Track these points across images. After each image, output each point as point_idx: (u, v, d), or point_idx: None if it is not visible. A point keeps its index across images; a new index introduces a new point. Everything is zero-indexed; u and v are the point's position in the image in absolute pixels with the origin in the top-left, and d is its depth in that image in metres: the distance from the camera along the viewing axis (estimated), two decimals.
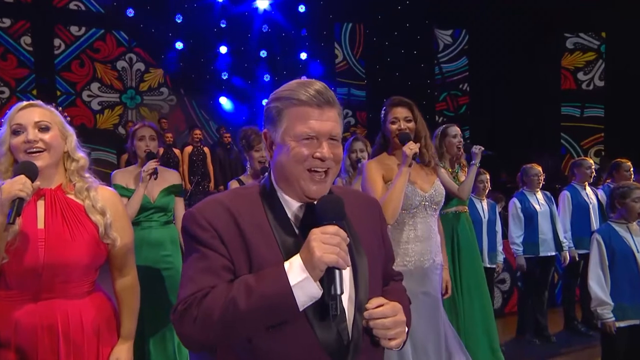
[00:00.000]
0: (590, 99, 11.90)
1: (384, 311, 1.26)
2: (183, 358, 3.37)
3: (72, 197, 1.88)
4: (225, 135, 9.01)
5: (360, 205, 1.41)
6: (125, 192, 3.23)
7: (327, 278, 1.17)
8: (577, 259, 4.99)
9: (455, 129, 3.84)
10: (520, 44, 10.74)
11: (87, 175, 1.93)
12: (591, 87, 11.97)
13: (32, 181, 1.72)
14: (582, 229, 5.00)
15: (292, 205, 1.32)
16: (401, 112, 2.78)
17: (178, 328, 1.22)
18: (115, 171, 3.41)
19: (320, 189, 1.28)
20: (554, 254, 4.88)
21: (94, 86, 10.40)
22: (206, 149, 8.56)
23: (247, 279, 1.19)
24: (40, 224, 1.80)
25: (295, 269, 1.17)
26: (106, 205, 1.90)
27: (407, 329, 1.34)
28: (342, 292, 1.17)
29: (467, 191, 3.75)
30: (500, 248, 4.72)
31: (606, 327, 3.14)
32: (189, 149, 8.36)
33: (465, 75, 12.55)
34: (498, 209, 4.96)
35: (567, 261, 4.91)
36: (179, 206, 3.50)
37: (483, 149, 3.72)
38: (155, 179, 3.22)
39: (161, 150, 4.27)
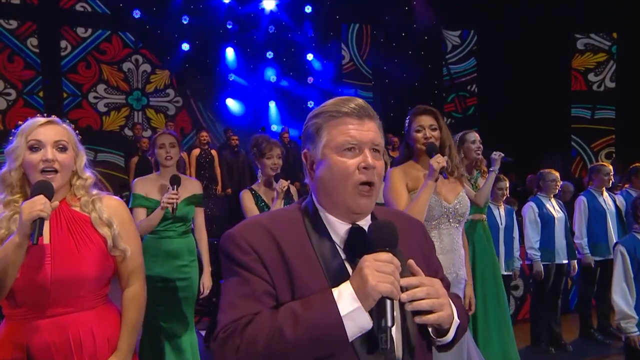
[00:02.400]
0: (601, 101, 11.80)
1: (421, 280, 1.17)
2: None
3: (77, 209, 1.86)
4: (233, 138, 8.89)
5: (404, 228, 1.31)
6: (145, 202, 3.20)
7: (378, 309, 1.10)
8: (592, 265, 4.90)
9: (474, 135, 3.75)
10: (530, 44, 10.63)
11: (94, 192, 1.91)
12: (602, 89, 11.86)
13: (50, 200, 1.69)
14: (598, 235, 4.93)
15: (337, 228, 1.25)
16: (426, 120, 2.70)
17: (219, 357, 1.14)
18: (136, 179, 3.37)
19: (367, 204, 1.23)
20: (567, 261, 4.79)
21: (100, 88, 10.38)
22: (214, 152, 8.46)
23: (293, 306, 1.12)
24: (46, 239, 1.77)
25: (345, 298, 1.10)
26: (112, 215, 1.87)
27: (455, 315, 1.24)
28: (393, 324, 1.09)
29: (484, 198, 3.67)
30: (517, 254, 4.64)
31: (630, 342, 3.03)
32: (196, 151, 8.26)
33: (474, 76, 12.47)
34: None
35: (577, 270, 4.81)
36: (199, 216, 3.47)
37: (503, 155, 3.64)
38: (174, 210, 3.15)
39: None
